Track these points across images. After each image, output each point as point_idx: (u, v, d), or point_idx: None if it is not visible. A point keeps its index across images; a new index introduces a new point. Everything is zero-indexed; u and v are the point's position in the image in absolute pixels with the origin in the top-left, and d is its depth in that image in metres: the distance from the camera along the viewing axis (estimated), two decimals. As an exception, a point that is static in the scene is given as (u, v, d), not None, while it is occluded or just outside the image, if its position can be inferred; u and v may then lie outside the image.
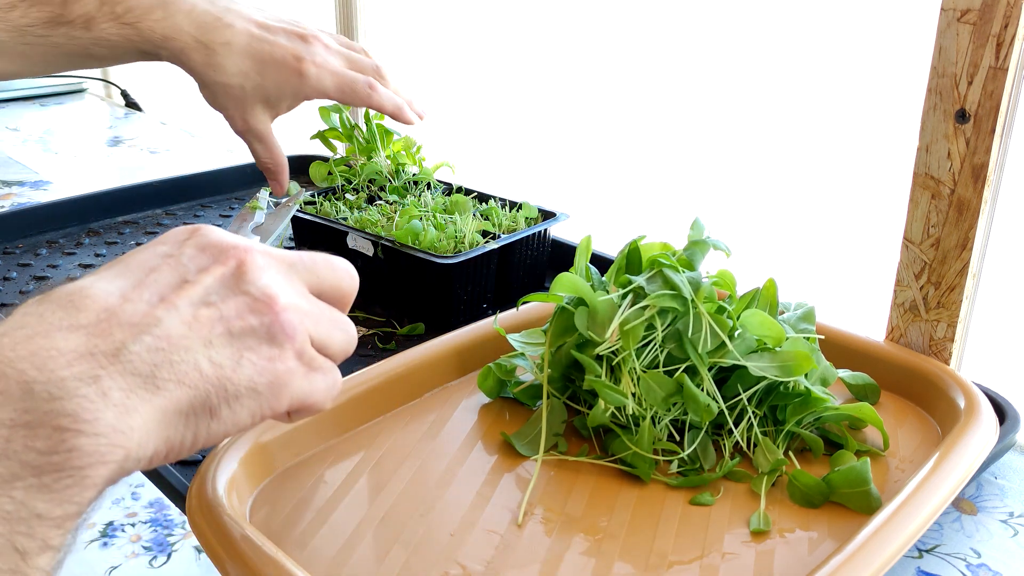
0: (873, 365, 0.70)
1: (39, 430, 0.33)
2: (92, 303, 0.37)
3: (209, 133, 1.60)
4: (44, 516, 0.33)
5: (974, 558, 0.58)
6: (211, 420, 0.39)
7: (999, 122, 0.63)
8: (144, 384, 0.36)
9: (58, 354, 0.34)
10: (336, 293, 0.45)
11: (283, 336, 0.40)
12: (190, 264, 0.40)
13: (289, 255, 0.44)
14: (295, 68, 0.80)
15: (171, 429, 0.37)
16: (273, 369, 0.40)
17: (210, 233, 0.42)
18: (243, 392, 0.39)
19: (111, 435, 0.34)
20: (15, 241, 1.03)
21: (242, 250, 0.41)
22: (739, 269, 0.65)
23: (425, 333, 0.82)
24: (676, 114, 1.33)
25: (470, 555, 0.52)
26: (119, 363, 0.35)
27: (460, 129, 1.55)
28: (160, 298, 0.38)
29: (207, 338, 0.38)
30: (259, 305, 0.40)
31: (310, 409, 0.43)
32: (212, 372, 0.38)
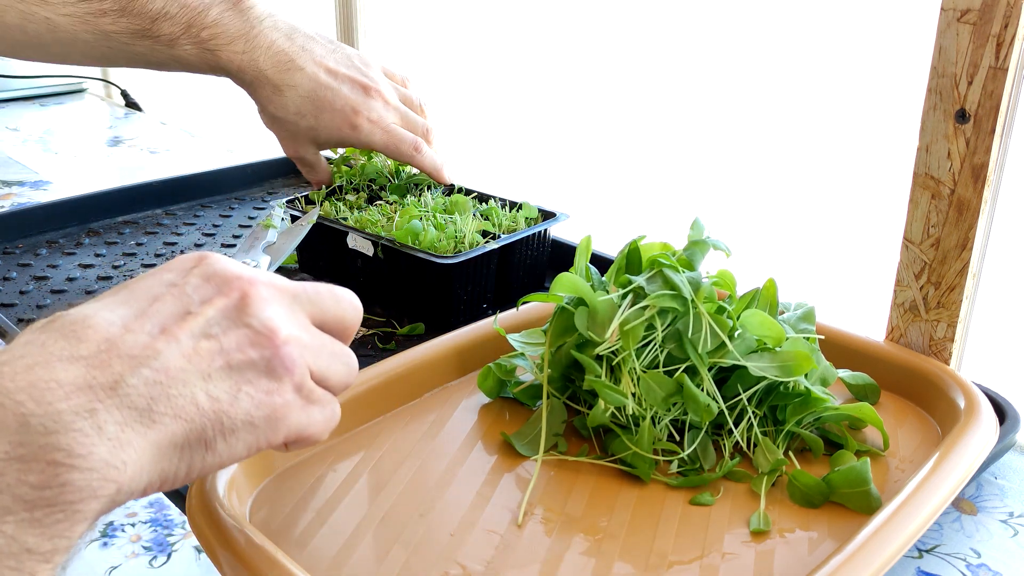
0: (873, 365, 0.70)
1: (33, 464, 0.33)
2: (93, 333, 0.37)
3: (209, 133, 1.60)
4: (34, 551, 0.33)
5: (974, 558, 0.58)
6: (206, 453, 0.39)
7: (999, 122, 0.63)
8: (140, 418, 0.36)
9: (57, 386, 0.35)
10: (339, 325, 0.46)
11: (282, 370, 0.41)
12: (194, 295, 0.41)
13: (293, 286, 0.45)
14: (350, 121, 0.88)
15: (165, 462, 0.38)
16: (271, 403, 0.41)
17: (216, 263, 0.42)
18: (239, 426, 0.40)
19: (104, 470, 0.34)
20: (15, 241, 1.03)
21: (246, 281, 0.42)
22: (739, 269, 0.65)
23: (425, 333, 0.82)
24: (676, 114, 1.33)
25: (470, 555, 0.52)
26: (116, 396, 0.36)
27: (460, 129, 1.56)
28: (161, 329, 0.39)
29: (206, 371, 0.39)
30: (260, 338, 0.41)
31: (306, 441, 0.44)
32: (209, 406, 0.38)
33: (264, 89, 0.86)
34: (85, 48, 0.81)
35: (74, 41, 0.80)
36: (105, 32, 0.80)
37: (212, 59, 0.84)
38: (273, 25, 0.86)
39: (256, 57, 0.84)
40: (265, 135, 0.95)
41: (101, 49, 0.82)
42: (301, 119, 0.87)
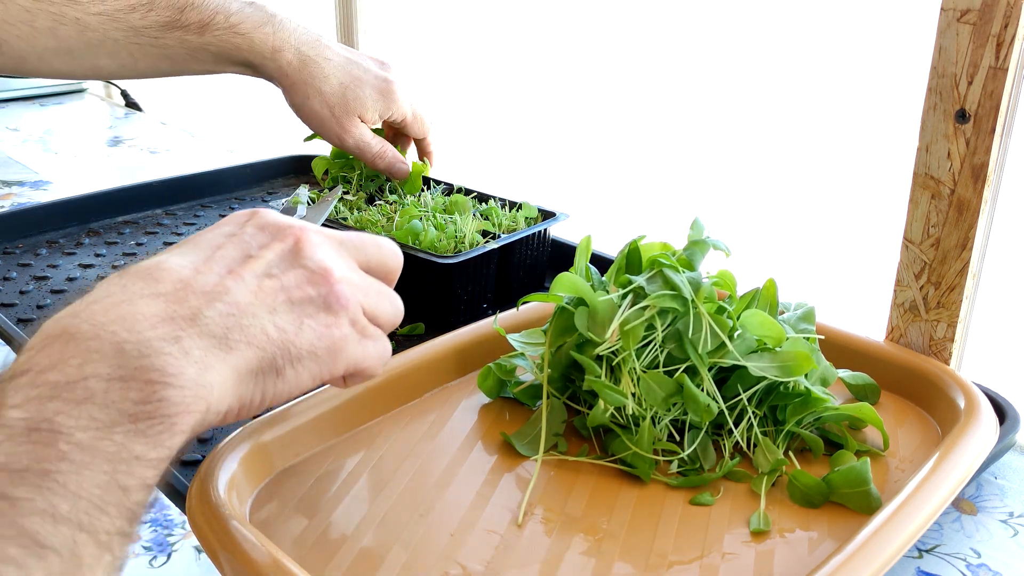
0: (873, 365, 0.70)
1: (132, 383, 0.37)
2: (168, 275, 0.41)
3: (209, 133, 1.60)
4: (141, 457, 0.36)
5: (974, 558, 0.58)
6: (277, 380, 0.43)
7: (999, 122, 0.63)
8: (219, 345, 0.40)
9: (143, 318, 0.39)
10: (382, 268, 0.50)
11: (338, 305, 0.45)
12: (252, 241, 0.45)
13: (339, 234, 0.49)
14: (384, 88, 0.89)
15: (243, 387, 0.42)
16: (330, 335, 0.45)
17: (268, 215, 0.47)
18: (304, 355, 0.44)
19: (194, 388, 0.39)
20: (15, 241, 1.03)
21: (298, 229, 0.46)
22: (739, 269, 0.65)
23: (425, 333, 0.82)
24: (676, 114, 1.33)
25: (470, 555, 0.52)
26: (196, 326, 0.40)
27: (460, 129, 1.55)
28: (228, 271, 0.43)
29: (271, 306, 0.43)
30: (316, 277, 0.45)
31: (363, 374, 0.48)
32: (277, 336, 0.43)
33: (308, 66, 0.86)
34: (113, 48, 0.81)
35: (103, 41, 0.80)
36: (135, 28, 0.80)
37: (244, 44, 0.84)
38: (285, 17, 0.88)
39: (286, 38, 0.85)
40: (265, 135, 0.95)
41: (129, 48, 0.81)
42: (347, 91, 0.87)
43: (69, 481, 0.34)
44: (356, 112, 0.88)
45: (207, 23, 0.82)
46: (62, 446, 0.35)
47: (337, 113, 0.88)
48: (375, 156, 0.91)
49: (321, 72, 0.87)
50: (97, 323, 0.38)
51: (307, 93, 0.87)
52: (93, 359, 0.37)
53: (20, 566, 0.32)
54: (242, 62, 0.86)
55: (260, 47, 0.85)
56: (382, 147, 0.91)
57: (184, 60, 0.85)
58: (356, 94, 0.88)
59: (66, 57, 0.80)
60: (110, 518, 0.35)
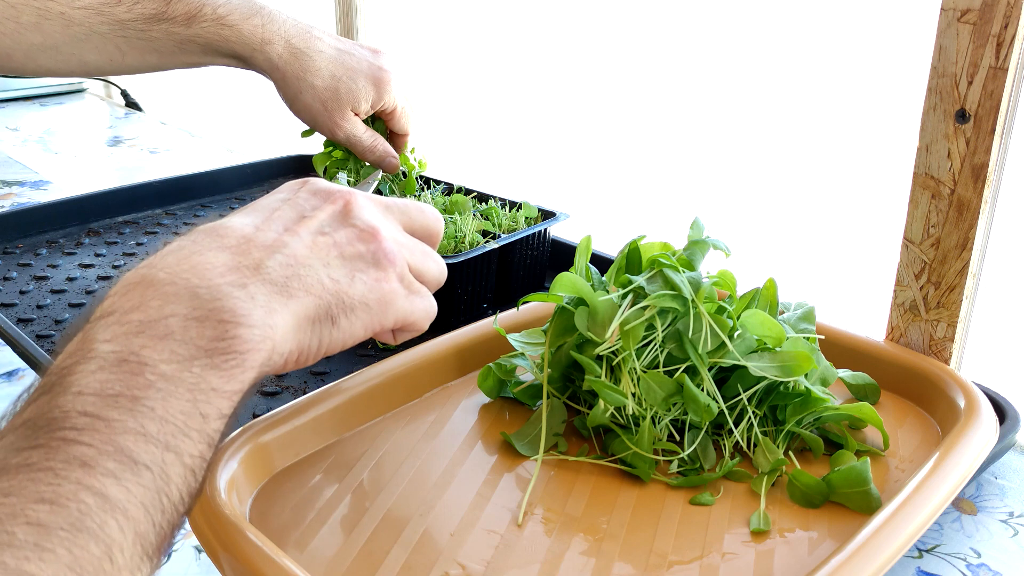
0: (873, 365, 0.70)
1: (207, 322, 0.40)
2: (232, 232, 0.46)
3: (209, 133, 1.60)
4: (218, 389, 0.40)
5: (974, 558, 0.58)
6: (333, 328, 0.47)
7: (999, 122, 0.63)
8: (280, 292, 0.44)
9: (212, 267, 0.42)
10: (425, 231, 0.54)
11: (386, 261, 0.49)
12: (305, 204, 0.49)
13: (384, 199, 0.53)
14: (377, 76, 0.88)
15: (302, 333, 0.45)
16: (380, 288, 0.48)
17: (318, 182, 0.51)
18: (357, 305, 0.47)
19: (262, 327, 0.42)
20: (15, 241, 1.03)
21: (347, 192, 0.50)
22: (739, 269, 0.65)
23: (425, 333, 0.82)
24: (676, 114, 1.33)
25: (470, 555, 0.52)
26: (260, 275, 0.44)
27: (460, 129, 1.55)
28: (285, 228, 0.47)
29: (325, 259, 0.47)
30: (365, 235, 0.49)
31: (411, 327, 0.52)
32: (332, 286, 0.46)
33: (292, 58, 0.84)
34: (99, 43, 0.80)
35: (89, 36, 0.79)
36: (120, 21, 0.79)
37: (233, 36, 0.83)
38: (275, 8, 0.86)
39: (276, 29, 0.84)
40: (265, 135, 0.95)
41: (115, 42, 0.80)
42: (339, 83, 0.86)
43: (156, 406, 0.37)
44: (348, 105, 0.87)
45: (194, 15, 0.81)
46: (149, 375, 0.38)
47: (329, 107, 0.86)
48: (365, 149, 0.90)
49: (313, 65, 0.85)
50: (172, 271, 0.42)
51: (299, 88, 0.86)
52: (171, 301, 0.40)
53: (118, 478, 0.35)
54: (231, 54, 0.85)
55: (249, 39, 0.83)
56: (373, 141, 0.90)
57: (172, 53, 0.83)
58: (348, 87, 0.86)
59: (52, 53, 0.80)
60: (192, 442, 0.38)
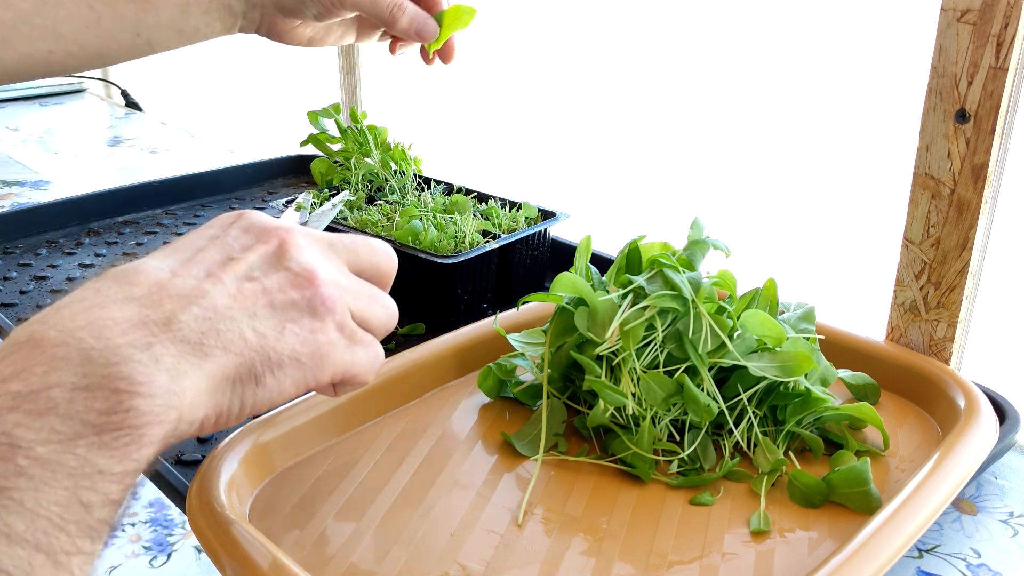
0: (873, 365, 0.70)
1: (98, 392, 0.35)
2: (144, 278, 0.40)
3: (209, 133, 1.60)
4: (106, 472, 0.35)
5: (974, 558, 0.58)
6: (256, 387, 0.41)
7: (999, 122, 0.63)
8: (193, 351, 0.39)
9: (113, 323, 0.37)
10: (375, 271, 0.48)
11: (323, 309, 0.43)
12: (235, 243, 0.44)
13: (329, 236, 0.47)
14: None
15: (219, 395, 0.40)
16: (315, 340, 0.43)
17: (253, 216, 0.45)
18: (286, 361, 0.42)
19: (164, 396, 0.37)
20: (15, 241, 1.03)
21: (283, 230, 0.44)
22: (739, 269, 0.65)
23: (425, 333, 0.82)
24: (676, 114, 1.33)
25: (470, 555, 0.52)
26: (170, 331, 0.38)
27: (460, 129, 1.55)
28: (207, 273, 0.41)
29: (251, 310, 0.41)
30: (300, 280, 0.43)
31: (353, 381, 0.46)
32: (256, 341, 0.41)
33: None
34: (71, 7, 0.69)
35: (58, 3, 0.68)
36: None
37: None
38: None
39: None
40: (265, 135, 0.95)
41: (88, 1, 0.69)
42: None
43: (27, 498, 0.32)
44: None
45: None
46: (20, 461, 0.33)
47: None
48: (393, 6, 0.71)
49: None
50: (65, 329, 0.36)
51: None
52: (58, 367, 0.35)
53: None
54: None
55: None
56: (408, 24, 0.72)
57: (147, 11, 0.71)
58: None
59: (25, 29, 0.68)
60: (70, 537, 0.33)
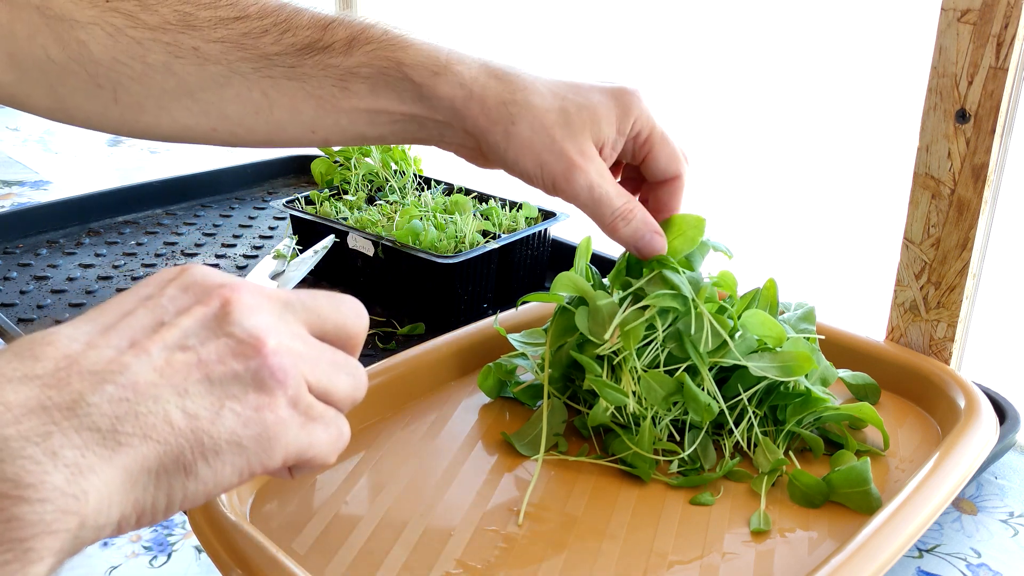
0: (873, 365, 0.70)
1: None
2: (52, 351, 0.33)
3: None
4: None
5: (974, 558, 0.58)
6: (187, 479, 0.34)
7: (999, 122, 0.63)
8: (103, 440, 0.32)
9: (5, 409, 0.31)
10: (341, 333, 0.41)
11: (273, 382, 0.36)
12: (169, 305, 0.36)
13: (286, 294, 0.40)
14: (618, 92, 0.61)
15: (139, 490, 0.33)
16: (261, 419, 0.36)
17: (197, 272, 0.38)
18: (224, 447, 0.35)
19: (60, 500, 0.30)
20: (15, 241, 1.03)
21: (228, 288, 0.37)
22: (739, 269, 0.65)
23: (425, 333, 0.82)
24: (675, 114, 1.33)
25: (470, 555, 0.52)
26: (75, 417, 0.32)
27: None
28: (131, 343, 0.34)
29: (181, 386, 0.34)
30: (244, 348, 0.36)
31: (311, 464, 0.39)
32: (186, 424, 0.34)
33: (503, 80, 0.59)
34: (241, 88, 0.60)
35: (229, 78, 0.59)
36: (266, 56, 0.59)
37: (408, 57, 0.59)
38: None
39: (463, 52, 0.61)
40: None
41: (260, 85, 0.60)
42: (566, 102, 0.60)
43: None
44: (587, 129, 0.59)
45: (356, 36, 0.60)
46: None
47: (559, 136, 0.58)
48: (617, 215, 0.59)
49: (523, 83, 0.59)
50: None
51: (510, 116, 0.58)
52: None
53: None
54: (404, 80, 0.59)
55: (428, 59, 0.59)
56: (627, 203, 0.59)
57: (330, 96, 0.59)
58: (579, 104, 0.59)
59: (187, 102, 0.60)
60: None
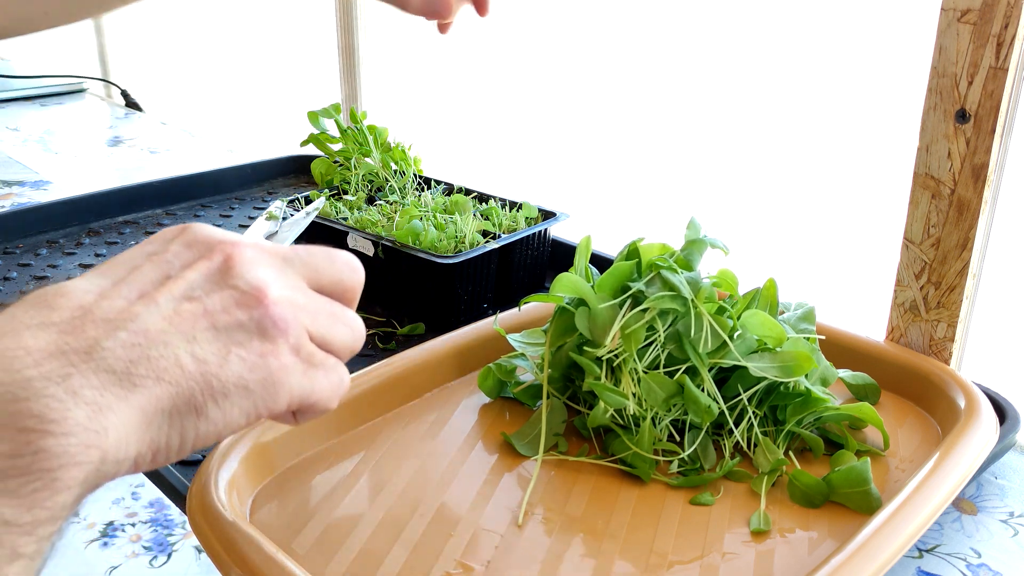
0: (873, 365, 0.70)
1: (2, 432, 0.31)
2: (66, 301, 0.35)
3: (209, 133, 1.60)
4: (12, 522, 0.31)
5: (974, 558, 0.58)
6: (198, 420, 0.36)
7: (999, 122, 0.63)
8: (119, 381, 0.34)
9: (25, 353, 0.33)
10: (338, 287, 0.43)
11: (275, 330, 0.38)
12: (175, 260, 0.39)
13: (284, 249, 0.42)
14: None
15: (154, 430, 0.35)
16: (265, 365, 0.38)
17: (199, 230, 0.40)
18: (232, 389, 0.37)
19: (82, 435, 0.32)
20: (15, 241, 1.03)
21: (229, 244, 0.40)
22: (739, 269, 0.65)
23: (425, 333, 0.82)
24: (675, 114, 1.33)
25: (470, 555, 0.52)
26: (92, 360, 0.34)
27: (460, 129, 1.55)
28: (140, 294, 0.37)
29: (190, 333, 0.36)
30: (247, 298, 0.38)
31: (314, 408, 0.41)
32: (195, 368, 0.36)
33: None
34: None
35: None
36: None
37: None
38: None
39: None
40: (265, 135, 0.94)
41: None
42: None
43: None
44: None
45: None
46: None
47: None
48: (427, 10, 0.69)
49: None
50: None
51: None
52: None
53: None
54: None
55: None
56: None
57: None
58: None
59: None
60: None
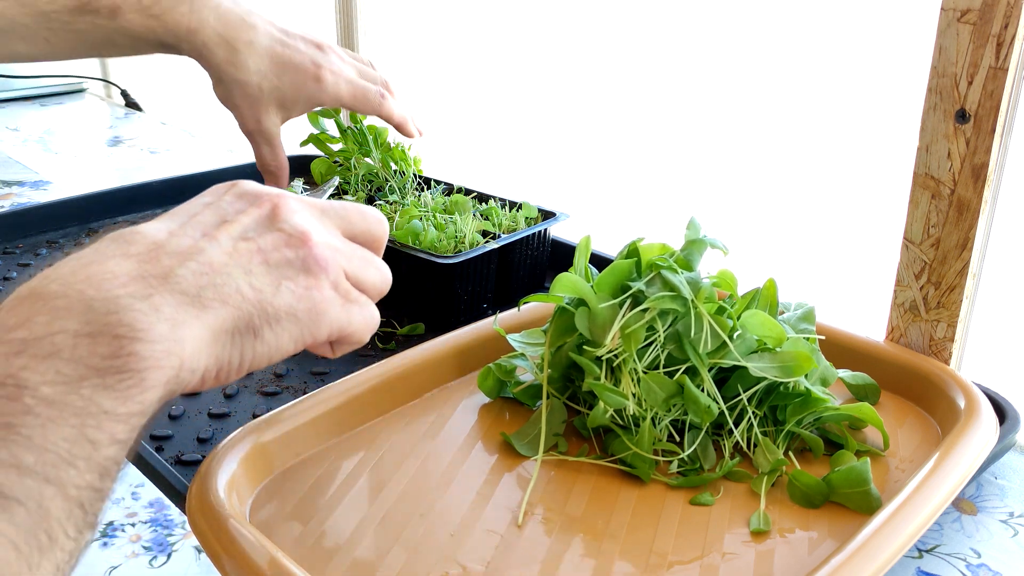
0: (873, 365, 0.70)
1: (100, 338, 0.37)
2: (142, 238, 0.42)
3: (209, 133, 1.60)
4: (111, 412, 0.36)
5: (974, 558, 0.58)
6: (255, 341, 0.43)
7: (999, 122, 0.63)
8: (192, 302, 0.40)
9: (112, 277, 0.39)
10: (368, 236, 0.50)
11: (317, 267, 0.45)
12: (229, 208, 0.46)
13: (321, 202, 0.49)
14: (314, 73, 0.82)
15: (219, 347, 0.42)
16: (310, 297, 0.45)
17: (247, 184, 0.47)
18: (283, 316, 0.44)
19: (165, 343, 0.38)
20: (15, 241, 1.03)
21: (276, 195, 0.47)
22: (739, 269, 0.65)
23: (425, 333, 0.82)
24: (675, 114, 1.33)
25: (470, 555, 0.52)
26: (168, 284, 0.40)
27: (460, 129, 1.55)
28: (203, 234, 0.43)
29: (246, 267, 0.43)
30: (293, 240, 0.45)
31: (349, 339, 0.48)
32: (253, 295, 0.43)
33: (219, 50, 0.79)
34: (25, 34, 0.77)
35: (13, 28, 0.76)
36: (43, 13, 0.76)
37: (159, 26, 0.78)
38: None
39: (204, 16, 0.79)
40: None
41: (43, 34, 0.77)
42: (264, 80, 0.81)
43: (34, 434, 0.34)
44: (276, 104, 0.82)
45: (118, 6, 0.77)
46: (27, 400, 0.35)
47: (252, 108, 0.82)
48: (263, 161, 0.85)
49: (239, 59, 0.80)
50: (66, 282, 0.38)
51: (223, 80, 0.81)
52: (61, 316, 0.37)
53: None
54: (162, 44, 0.80)
55: (175, 28, 0.78)
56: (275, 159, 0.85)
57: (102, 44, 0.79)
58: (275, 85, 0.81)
59: None
60: (79, 472, 0.35)
